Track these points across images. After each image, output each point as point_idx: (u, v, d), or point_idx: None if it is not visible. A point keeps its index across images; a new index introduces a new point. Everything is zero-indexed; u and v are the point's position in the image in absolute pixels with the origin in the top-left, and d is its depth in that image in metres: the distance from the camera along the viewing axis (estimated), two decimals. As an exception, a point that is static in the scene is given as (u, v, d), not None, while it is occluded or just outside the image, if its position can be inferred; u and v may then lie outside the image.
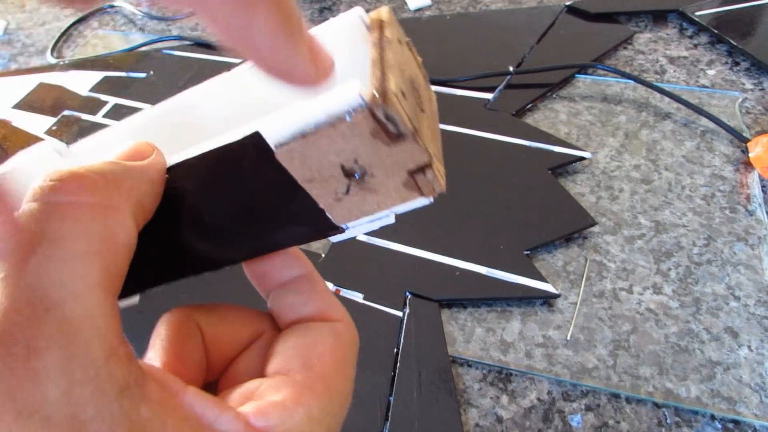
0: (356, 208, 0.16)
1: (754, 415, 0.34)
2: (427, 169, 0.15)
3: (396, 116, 0.14)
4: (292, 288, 0.20)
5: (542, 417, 0.35)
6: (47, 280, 0.13)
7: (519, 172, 0.47)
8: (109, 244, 0.14)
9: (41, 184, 0.14)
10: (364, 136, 0.14)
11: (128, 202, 0.15)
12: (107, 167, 0.15)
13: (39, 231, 0.13)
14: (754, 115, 0.51)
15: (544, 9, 0.63)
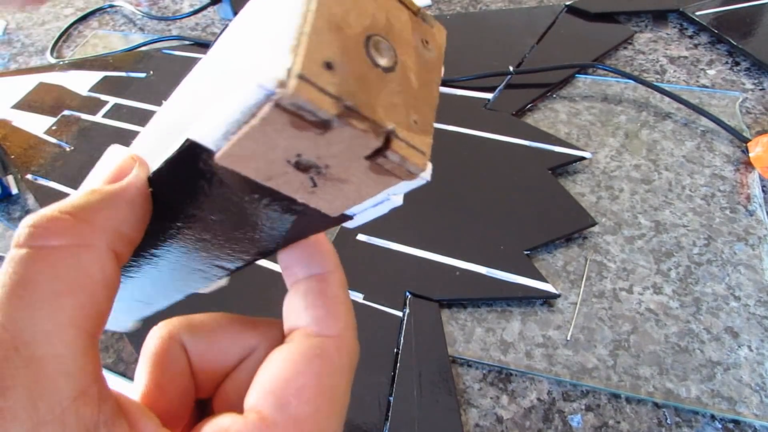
0: (339, 198, 0.15)
1: (754, 415, 0.34)
2: (385, 152, 0.13)
3: (307, 104, 0.12)
4: (302, 288, 0.19)
5: (542, 417, 0.35)
6: (19, 321, 0.13)
7: (519, 172, 0.47)
8: (83, 282, 0.14)
9: (19, 231, 0.15)
10: (286, 129, 0.12)
11: (103, 235, 0.15)
12: (82, 201, 0.16)
13: (16, 275, 0.14)
14: (755, 115, 0.51)
15: (544, 9, 0.63)
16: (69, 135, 0.56)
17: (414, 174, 0.13)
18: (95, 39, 0.71)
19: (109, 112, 0.58)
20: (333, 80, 0.12)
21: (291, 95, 0.11)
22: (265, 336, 0.19)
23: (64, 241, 0.15)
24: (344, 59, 0.12)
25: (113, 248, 0.15)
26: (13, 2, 0.15)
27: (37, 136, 0.57)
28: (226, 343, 0.19)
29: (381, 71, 0.13)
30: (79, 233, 0.15)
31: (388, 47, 0.14)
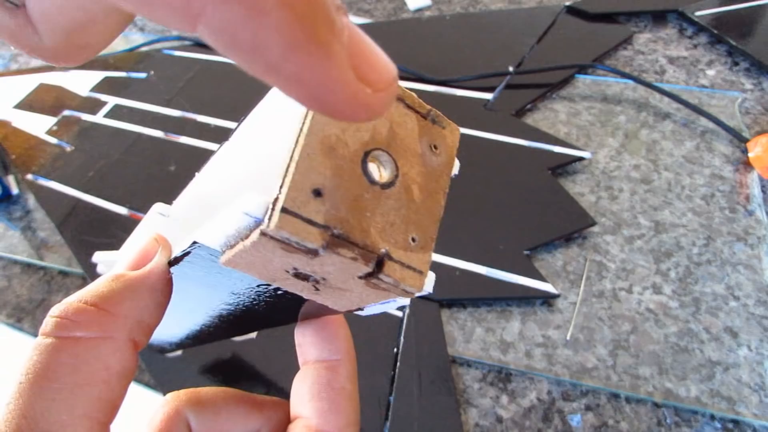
0: (343, 300, 0.15)
1: (753, 414, 0.34)
2: (378, 275, 0.12)
3: (291, 237, 0.11)
4: (310, 374, 0.19)
5: (542, 417, 0.35)
6: (38, 410, 0.14)
7: (519, 172, 0.47)
8: (102, 374, 0.15)
9: (46, 320, 0.15)
10: (277, 251, 0.12)
11: (124, 326, 0.16)
12: (106, 290, 0.16)
13: (39, 365, 0.15)
14: (754, 115, 0.51)
15: (543, 9, 0.63)
16: (69, 135, 0.56)
17: (410, 293, 0.13)
18: (95, 39, 0.71)
19: (109, 113, 0.58)
20: (321, 208, 0.12)
21: (275, 228, 0.11)
22: (270, 419, 0.20)
23: (87, 333, 0.15)
24: (336, 182, 0.12)
25: (133, 338, 0.16)
26: None
27: (38, 137, 0.57)
28: (230, 423, 0.19)
29: (378, 188, 0.13)
30: (101, 325, 0.15)
31: (389, 160, 0.13)
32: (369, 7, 0.68)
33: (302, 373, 0.19)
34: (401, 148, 0.14)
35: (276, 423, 0.19)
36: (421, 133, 0.14)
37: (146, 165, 0.52)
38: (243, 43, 0.08)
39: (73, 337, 0.15)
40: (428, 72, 0.56)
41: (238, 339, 0.24)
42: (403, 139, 0.14)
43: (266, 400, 0.20)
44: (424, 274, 0.13)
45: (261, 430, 0.19)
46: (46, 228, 0.49)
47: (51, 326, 0.15)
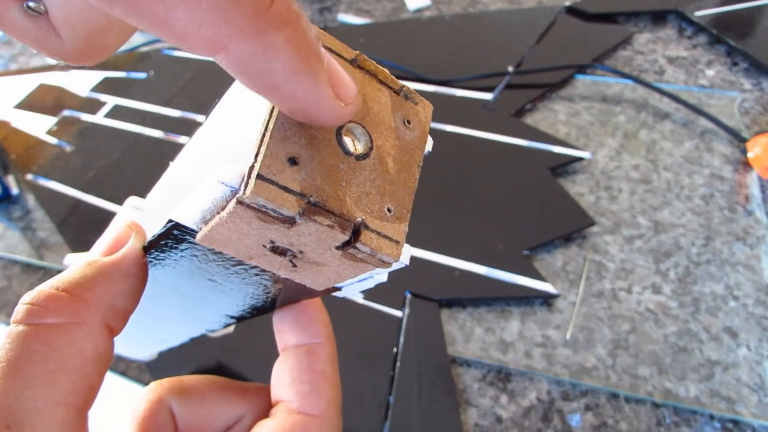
0: (320, 277, 0.15)
1: (752, 414, 0.34)
2: (355, 244, 0.13)
3: (268, 204, 0.12)
4: (290, 358, 0.19)
5: (541, 416, 0.35)
6: (12, 398, 0.14)
7: (518, 172, 0.47)
8: (76, 360, 0.15)
9: (18, 307, 0.15)
10: (254, 222, 0.12)
11: (97, 311, 0.16)
12: (78, 276, 0.16)
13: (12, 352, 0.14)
14: (753, 116, 0.51)
15: (543, 9, 0.64)
16: (69, 135, 0.56)
17: (387, 263, 0.13)
18: (95, 39, 0.71)
19: (109, 113, 0.58)
20: (297, 176, 0.12)
21: (251, 195, 0.11)
22: (253, 405, 0.20)
23: (59, 319, 0.15)
24: (311, 152, 0.12)
25: (107, 323, 0.16)
26: None
27: (38, 137, 0.57)
28: (214, 410, 0.19)
29: (353, 160, 0.13)
30: (74, 311, 0.15)
31: (363, 132, 0.14)
32: (369, 7, 0.68)
33: (282, 358, 0.20)
34: (375, 122, 0.14)
35: (258, 410, 0.20)
36: (394, 108, 0.15)
37: (146, 165, 0.52)
38: (255, 69, 0.11)
39: (45, 323, 0.15)
40: (428, 72, 0.56)
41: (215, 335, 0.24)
42: (377, 113, 0.14)
43: (249, 386, 0.20)
44: (400, 243, 0.13)
45: (245, 416, 0.20)
46: (46, 228, 0.49)
47: (23, 313, 0.15)
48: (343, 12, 0.68)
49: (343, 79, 0.12)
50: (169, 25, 0.10)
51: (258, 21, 0.11)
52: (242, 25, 0.10)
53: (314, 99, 0.12)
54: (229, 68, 0.11)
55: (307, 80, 0.12)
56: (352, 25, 0.66)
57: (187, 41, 0.11)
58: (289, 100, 0.12)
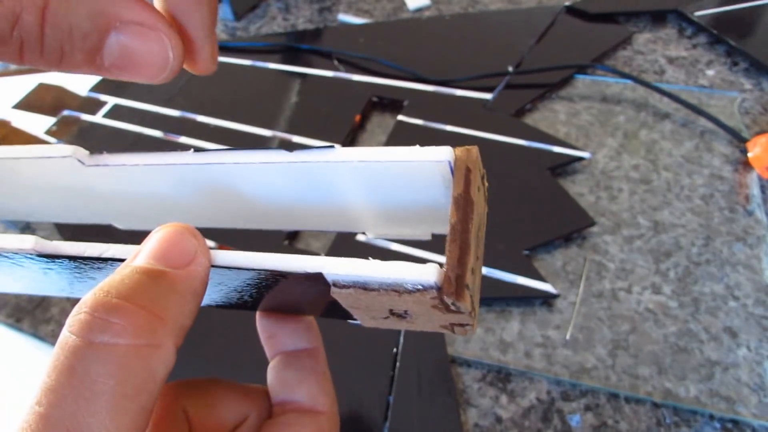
0: (385, 324, 0.17)
1: (752, 414, 0.34)
2: (467, 326, 0.15)
3: (462, 306, 0.14)
4: (293, 361, 0.20)
5: (541, 417, 0.35)
6: (80, 422, 0.13)
7: (518, 172, 0.47)
8: (149, 385, 0.14)
9: (80, 317, 0.13)
10: (424, 305, 0.14)
11: (173, 333, 0.14)
12: (150, 290, 0.14)
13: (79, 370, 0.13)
14: (753, 116, 0.51)
15: (543, 9, 0.63)
16: (69, 135, 0.56)
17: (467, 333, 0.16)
18: (95, 39, 0.71)
19: (109, 113, 0.58)
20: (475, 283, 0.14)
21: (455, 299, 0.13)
22: (257, 405, 0.20)
23: (136, 341, 0.13)
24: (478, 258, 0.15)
25: (177, 344, 0.15)
26: None
27: (37, 137, 0.57)
28: (225, 411, 0.20)
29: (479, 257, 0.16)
30: (151, 331, 0.14)
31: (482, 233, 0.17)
32: (368, 7, 0.68)
33: (282, 362, 0.20)
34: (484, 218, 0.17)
35: (261, 410, 0.20)
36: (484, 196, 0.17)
37: (146, 165, 0.52)
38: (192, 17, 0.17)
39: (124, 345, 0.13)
40: (428, 72, 0.56)
41: None
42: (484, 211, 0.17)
43: (252, 387, 0.21)
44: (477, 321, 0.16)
45: (250, 416, 0.20)
46: (46, 228, 0.49)
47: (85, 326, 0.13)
48: (343, 12, 0.68)
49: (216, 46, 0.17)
50: None
51: None
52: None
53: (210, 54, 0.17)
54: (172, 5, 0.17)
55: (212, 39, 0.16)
56: (352, 24, 0.66)
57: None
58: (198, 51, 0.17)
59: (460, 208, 0.15)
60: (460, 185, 0.15)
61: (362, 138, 0.53)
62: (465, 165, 0.15)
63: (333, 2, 0.70)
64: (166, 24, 0.16)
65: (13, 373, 0.41)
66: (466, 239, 0.14)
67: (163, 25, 0.15)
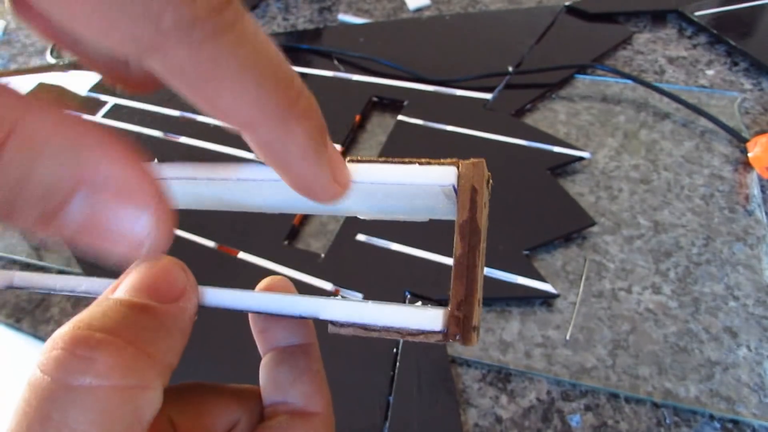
0: None
1: (753, 414, 0.34)
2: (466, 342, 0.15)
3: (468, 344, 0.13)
4: (286, 359, 0.19)
5: (541, 417, 0.35)
6: None
7: (518, 172, 0.47)
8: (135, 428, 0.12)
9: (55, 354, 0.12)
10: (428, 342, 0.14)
11: (161, 373, 0.13)
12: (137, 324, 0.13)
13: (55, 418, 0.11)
14: (753, 116, 0.51)
15: (543, 9, 0.63)
16: (69, 135, 0.56)
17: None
18: (95, 39, 0.71)
19: (109, 113, 0.58)
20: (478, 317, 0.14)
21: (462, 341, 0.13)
22: (248, 408, 0.19)
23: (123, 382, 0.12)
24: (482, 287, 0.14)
25: (164, 385, 0.13)
26: None
27: (37, 137, 0.57)
28: (213, 418, 0.19)
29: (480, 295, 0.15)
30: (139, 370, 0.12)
31: None
32: (368, 7, 0.68)
33: (274, 359, 0.19)
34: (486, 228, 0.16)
35: (252, 413, 0.19)
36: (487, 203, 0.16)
37: (146, 165, 0.52)
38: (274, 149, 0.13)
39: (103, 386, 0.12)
40: (428, 72, 0.56)
41: None
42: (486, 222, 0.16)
43: (241, 389, 0.20)
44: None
45: (240, 420, 0.19)
46: (46, 228, 0.49)
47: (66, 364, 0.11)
48: (343, 12, 0.68)
49: (341, 166, 0.14)
50: (214, 103, 0.12)
51: (285, 111, 0.12)
52: (272, 112, 0.12)
53: (317, 180, 0.14)
54: (253, 144, 0.13)
55: (313, 164, 0.13)
56: (352, 24, 0.66)
57: (224, 118, 0.12)
58: (297, 178, 0.14)
59: (466, 239, 0.13)
60: (465, 210, 0.14)
61: (362, 138, 0.53)
62: (471, 185, 0.14)
63: (333, 2, 0.70)
64: (153, 188, 0.12)
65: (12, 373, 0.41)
66: (473, 275, 0.13)
67: (147, 191, 0.12)
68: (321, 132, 0.13)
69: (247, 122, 0.12)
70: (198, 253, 0.44)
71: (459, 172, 0.14)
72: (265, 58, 0.12)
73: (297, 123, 0.13)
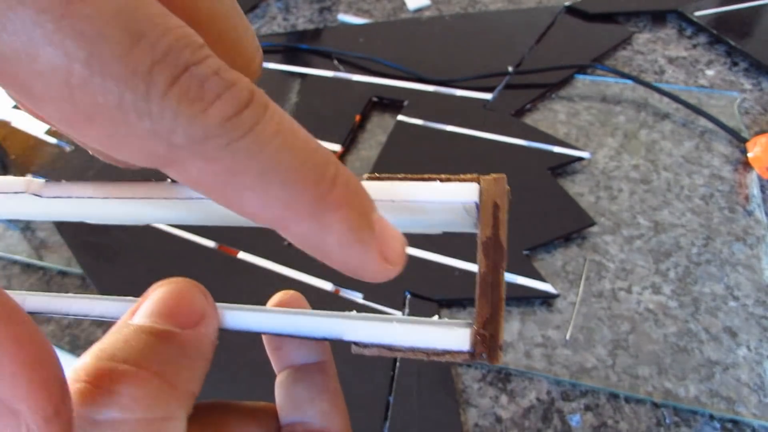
0: None
1: (752, 414, 0.34)
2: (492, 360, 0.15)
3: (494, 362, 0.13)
4: (303, 377, 0.19)
5: (541, 417, 0.35)
6: None
7: (518, 172, 0.47)
8: None
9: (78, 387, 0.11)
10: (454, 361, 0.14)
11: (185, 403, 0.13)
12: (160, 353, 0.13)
13: None
14: (753, 116, 0.51)
15: (543, 9, 0.64)
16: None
17: None
18: (95, 39, 0.71)
19: (108, 113, 0.58)
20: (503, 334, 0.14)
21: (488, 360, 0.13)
22: (265, 427, 0.19)
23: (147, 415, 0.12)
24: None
25: (188, 415, 0.13)
26: None
27: (37, 137, 0.57)
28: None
29: None
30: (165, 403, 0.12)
31: None
32: (368, 7, 0.68)
33: (290, 377, 0.19)
34: None
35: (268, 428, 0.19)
36: None
37: (146, 165, 0.52)
38: (311, 242, 0.12)
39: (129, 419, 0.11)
40: (428, 72, 0.56)
41: None
42: None
43: (258, 407, 0.19)
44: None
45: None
46: (46, 228, 0.49)
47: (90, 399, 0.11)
48: (343, 12, 0.68)
49: (392, 242, 0.13)
50: (240, 206, 0.12)
51: (317, 206, 0.12)
52: (303, 210, 0.12)
53: (363, 264, 0.13)
54: (289, 238, 0.12)
55: (357, 250, 0.12)
56: (352, 24, 0.66)
57: (255, 219, 0.12)
58: (341, 265, 0.13)
59: (490, 256, 0.13)
60: (488, 227, 0.13)
61: (362, 138, 0.53)
62: (493, 201, 0.14)
63: (333, 2, 0.70)
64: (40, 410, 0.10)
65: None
66: (498, 292, 0.13)
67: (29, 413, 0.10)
68: (362, 214, 0.12)
69: (277, 222, 0.12)
70: (198, 253, 0.44)
71: (481, 189, 0.14)
72: (289, 154, 0.11)
73: (332, 214, 0.12)
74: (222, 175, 0.11)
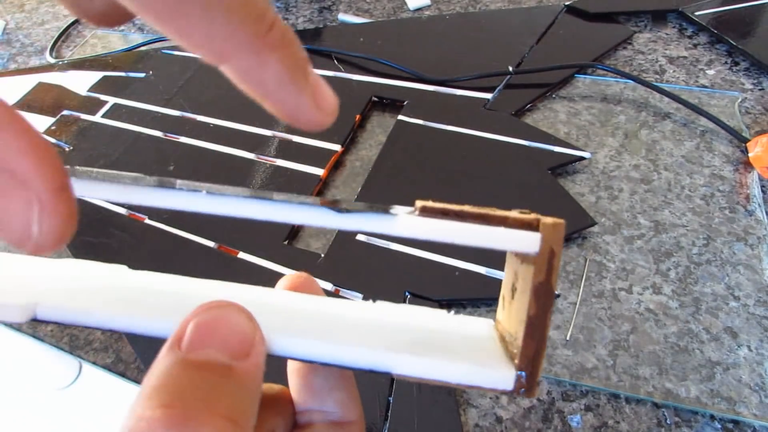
0: None
1: (753, 415, 0.34)
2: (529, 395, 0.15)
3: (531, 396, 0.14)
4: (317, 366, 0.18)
5: (542, 417, 0.35)
6: None
7: (519, 172, 0.47)
8: None
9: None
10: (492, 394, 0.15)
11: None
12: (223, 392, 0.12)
13: None
14: (754, 115, 0.51)
15: (543, 9, 0.63)
16: (68, 135, 0.56)
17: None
18: (94, 39, 0.71)
19: (108, 112, 0.58)
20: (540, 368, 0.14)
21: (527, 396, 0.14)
22: (283, 415, 0.19)
23: None
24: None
25: None
26: None
27: (37, 136, 0.57)
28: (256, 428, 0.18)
29: None
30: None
31: None
32: (368, 7, 0.68)
33: (306, 365, 0.19)
34: None
35: (288, 420, 0.19)
36: None
37: (145, 165, 0.52)
38: (251, 79, 0.14)
39: None
40: (428, 72, 0.56)
41: None
42: None
43: (275, 395, 0.19)
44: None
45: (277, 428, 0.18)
46: (45, 228, 0.49)
47: None
48: (343, 11, 0.68)
49: (324, 92, 0.15)
50: (187, 36, 0.13)
51: (256, 42, 0.13)
52: (243, 43, 0.13)
53: (298, 106, 0.14)
54: (231, 75, 0.14)
55: (292, 91, 0.14)
56: (352, 24, 0.66)
57: (200, 50, 0.13)
58: (279, 105, 0.14)
59: (540, 300, 0.14)
60: (542, 272, 0.14)
61: (362, 138, 0.53)
62: (550, 247, 0.14)
63: (333, 2, 0.70)
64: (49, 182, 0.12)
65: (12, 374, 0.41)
66: (543, 335, 0.14)
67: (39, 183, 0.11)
68: (297, 60, 0.14)
69: (220, 54, 0.13)
70: (198, 253, 0.44)
71: (542, 233, 0.14)
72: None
73: (270, 53, 0.13)
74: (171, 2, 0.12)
